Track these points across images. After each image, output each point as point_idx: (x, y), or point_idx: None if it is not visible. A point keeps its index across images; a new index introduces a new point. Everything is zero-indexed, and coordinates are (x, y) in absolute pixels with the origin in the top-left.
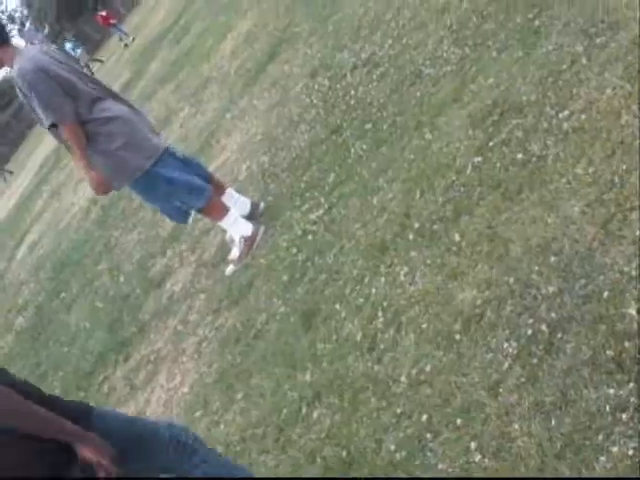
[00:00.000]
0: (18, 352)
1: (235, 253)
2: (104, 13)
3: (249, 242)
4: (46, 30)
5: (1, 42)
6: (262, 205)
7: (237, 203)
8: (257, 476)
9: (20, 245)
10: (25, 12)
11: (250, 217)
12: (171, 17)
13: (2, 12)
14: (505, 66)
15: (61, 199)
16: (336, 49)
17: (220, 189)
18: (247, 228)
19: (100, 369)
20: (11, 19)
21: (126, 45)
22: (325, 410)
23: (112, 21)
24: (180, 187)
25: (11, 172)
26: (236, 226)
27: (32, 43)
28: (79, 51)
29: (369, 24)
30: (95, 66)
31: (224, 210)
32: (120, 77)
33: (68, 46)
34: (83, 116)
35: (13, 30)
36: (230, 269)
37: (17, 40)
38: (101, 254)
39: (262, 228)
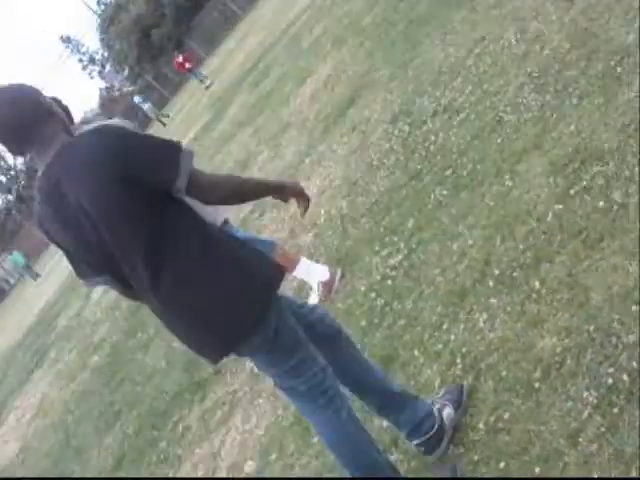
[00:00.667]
0: (93, 390)
1: (314, 299)
2: (180, 59)
3: (328, 286)
4: (126, 72)
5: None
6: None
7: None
8: None
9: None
10: (105, 54)
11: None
12: (250, 61)
13: (83, 54)
14: (586, 113)
15: None
16: (416, 94)
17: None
18: (324, 272)
19: (175, 409)
20: (92, 61)
21: (207, 87)
22: (401, 456)
23: (188, 66)
24: None
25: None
26: (311, 273)
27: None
28: (147, 105)
29: (449, 70)
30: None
31: (295, 260)
32: (200, 119)
33: (137, 100)
34: None
35: (94, 72)
36: None
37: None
38: None
39: (339, 271)
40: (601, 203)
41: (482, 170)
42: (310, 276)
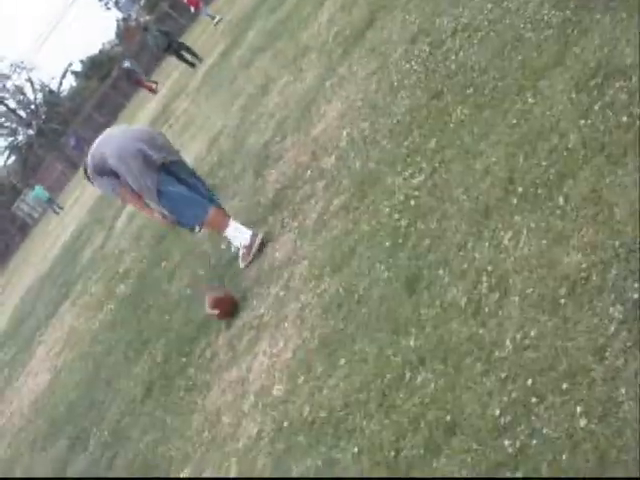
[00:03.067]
0: (120, 320)
1: (241, 264)
2: None
3: (248, 249)
4: (142, 1)
5: None
6: (260, 237)
7: (240, 233)
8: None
9: (119, 215)
10: None
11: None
12: None
13: None
14: (608, 29)
15: None
16: (435, 14)
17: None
18: (246, 236)
19: (202, 336)
20: None
21: (216, 24)
22: (429, 375)
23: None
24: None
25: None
26: (237, 235)
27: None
28: (138, 70)
29: None
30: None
31: (225, 221)
32: (216, 46)
33: (127, 64)
34: None
35: (109, 2)
36: (242, 265)
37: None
38: None
39: (260, 235)
40: (624, 118)
41: (503, 88)
42: (236, 238)
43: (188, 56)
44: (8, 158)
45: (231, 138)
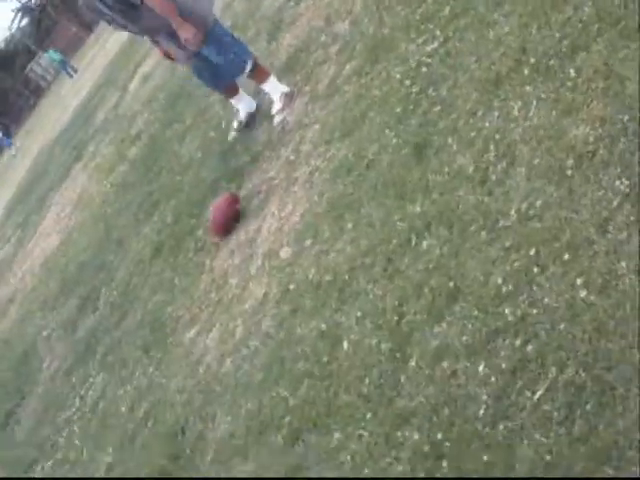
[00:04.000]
0: (132, 181)
1: (277, 106)
2: None
3: (289, 96)
4: None
5: None
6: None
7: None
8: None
9: (133, 77)
10: None
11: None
12: None
13: None
14: None
15: None
16: None
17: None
18: (284, 87)
19: (212, 197)
20: None
21: None
22: (434, 241)
23: None
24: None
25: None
26: (277, 87)
27: None
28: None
29: None
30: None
31: (267, 73)
32: None
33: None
34: None
35: None
36: (277, 118)
37: None
38: None
39: (296, 91)
40: None
41: None
42: (275, 89)
43: None
44: (21, 20)
45: (245, 1)
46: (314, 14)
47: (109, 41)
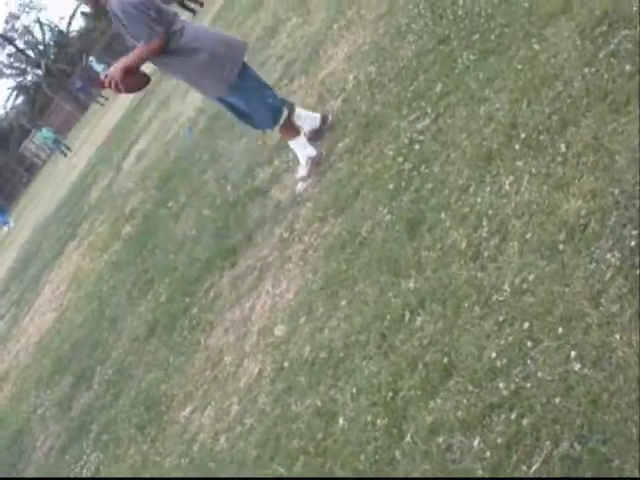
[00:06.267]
0: (126, 259)
1: (302, 172)
2: None
3: (315, 161)
4: None
5: None
6: (330, 117)
7: (307, 119)
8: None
9: (127, 155)
10: None
11: (320, 130)
12: None
13: None
14: None
15: (168, 109)
16: None
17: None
18: (312, 150)
19: (206, 276)
20: None
21: None
22: (428, 317)
23: None
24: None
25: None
26: (304, 149)
27: None
28: (102, 67)
29: None
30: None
31: (296, 131)
32: None
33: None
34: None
35: None
36: (300, 186)
37: None
38: (208, 163)
39: (324, 153)
40: (628, 67)
41: (510, 34)
42: (303, 151)
43: (190, 3)
44: (16, 98)
45: None
46: (307, 92)
47: (104, 119)
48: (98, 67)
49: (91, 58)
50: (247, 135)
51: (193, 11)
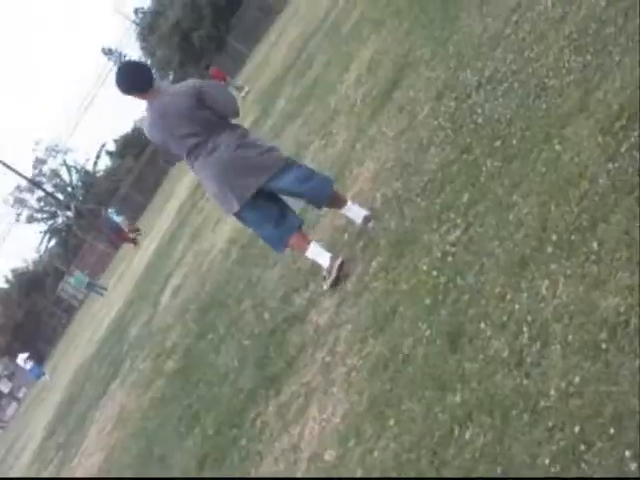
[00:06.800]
0: (169, 395)
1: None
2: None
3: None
4: (170, 77)
5: (149, 86)
6: (340, 259)
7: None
8: None
9: (164, 290)
10: (149, 61)
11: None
12: (293, 52)
13: None
14: (629, 69)
15: (201, 241)
16: (459, 69)
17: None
18: (325, 258)
19: (251, 406)
20: None
21: (244, 96)
22: (477, 429)
23: (225, 79)
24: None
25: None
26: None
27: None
28: (120, 218)
29: (489, 41)
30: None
31: (306, 243)
32: (247, 116)
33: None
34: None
35: None
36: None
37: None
38: (244, 293)
39: (339, 260)
40: None
41: (530, 137)
42: (320, 257)
43: None
44: (49, 241)
45: None
46: (336, 214)
47: (138, 255)
48: (117, 218)
49: (110, 210)
50: (281, 261)
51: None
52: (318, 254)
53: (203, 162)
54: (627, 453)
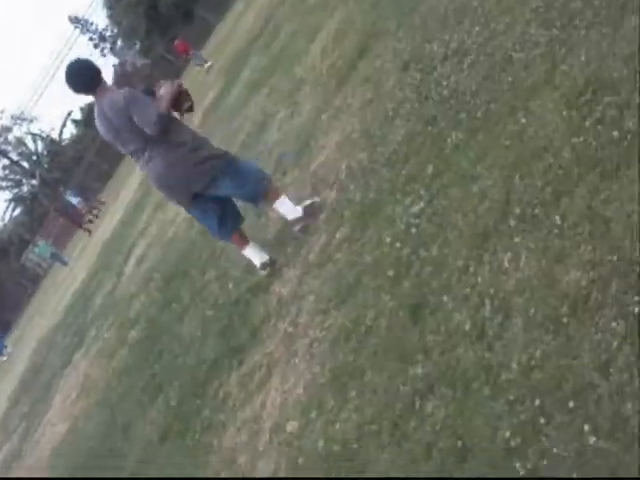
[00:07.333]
0: (133, 365)
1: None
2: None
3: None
4: (137, 46)
5: (95, 87)
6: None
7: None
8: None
9: (128, 260)
10: (115, 30)
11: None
12: (259, 22)
13: (93, 32)
14: (594, 44)
15: (165, 211)
16: (425, 41)
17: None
18: (257, 259)
19: (215, 376)
20: (102, 38)
21: (207, 71)
22: (438, 402)
23: (188, 53)
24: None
25: (102, 202)
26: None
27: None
28: (77, 200)
29: (455, 13)
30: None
31: (245, 242)
32: (213, 86)
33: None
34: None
35: (105, 49)
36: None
37: (111, 58)
38: (208, 263)
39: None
40: (615, 133)
41: (496, 110)
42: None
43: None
44: (14, 210)
45: None
46: (301, 184)
47: (102, 225)
48: (74, 200)
49: (69, 191)
50: (246, 232)
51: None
52: (253, 254)
53: (143, 167)
54: (586, 427)
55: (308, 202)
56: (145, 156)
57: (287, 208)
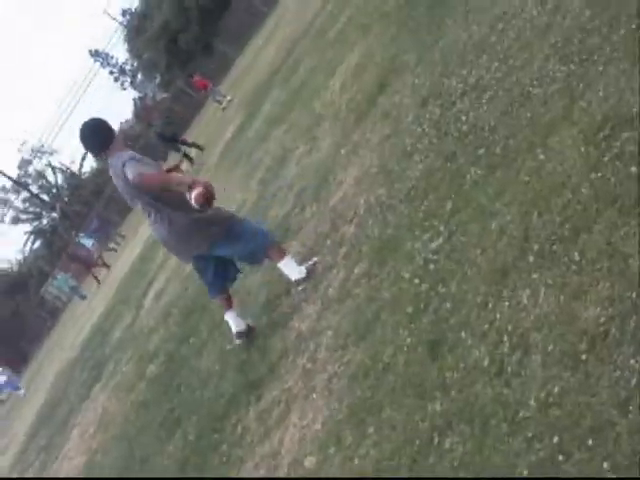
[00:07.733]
0: (151, 399)
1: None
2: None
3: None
4: (157, 80)
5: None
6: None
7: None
8: None
9: (147, 294)
10: (135, 64)
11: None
12: (279, 56)
13: (113, 66)
14: (612, 80)
15: None
16: (444, 76)
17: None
18: (234, 326)
19: (233, 411)
20: (122, 72)
21: (224, 109)
22: (457, 438)
23: (207, 88)
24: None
25: (123, 235)
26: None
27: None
28: (91, 242)
29: (474, 48)
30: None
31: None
32: (233, 121)
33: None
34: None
35: (125, 82)
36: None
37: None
38: None
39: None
40: (633, 169)
41: (514, 146)
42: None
43: (188, 149)
44: (34, 243)
45: (251, 212)
46: (320, 220)
47: (121, 258)
48: (88, 242)
49: (81, 234)
50: (264, 268)
51: (190, 158)
52: (231, 320)
53: (149, 226)
54: (605, 465)
55: (311, 262)
56: (151, 218)
57: (291, 269)
